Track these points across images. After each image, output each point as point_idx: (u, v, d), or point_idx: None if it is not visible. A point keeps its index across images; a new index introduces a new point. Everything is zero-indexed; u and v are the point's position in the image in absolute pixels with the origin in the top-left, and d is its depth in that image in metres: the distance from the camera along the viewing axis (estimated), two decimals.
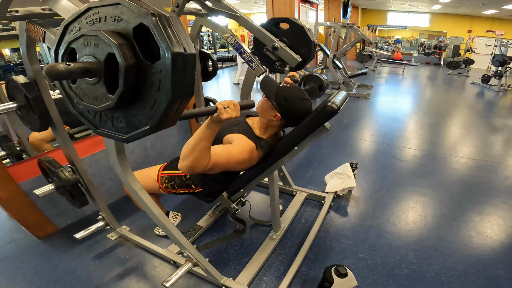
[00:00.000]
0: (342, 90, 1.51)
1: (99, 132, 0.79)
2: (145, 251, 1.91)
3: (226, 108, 1.12)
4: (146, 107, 0.68)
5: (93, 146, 2.18)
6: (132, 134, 0.73)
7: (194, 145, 1.19)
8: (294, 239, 2.00)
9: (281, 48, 1.83)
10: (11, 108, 1.42)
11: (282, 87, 1.47)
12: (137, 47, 0.63)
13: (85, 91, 0.72)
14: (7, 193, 1.82)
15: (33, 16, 1.25)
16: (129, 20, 0.63)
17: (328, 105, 1.28)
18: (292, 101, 1.42)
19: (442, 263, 1.78)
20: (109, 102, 0.67)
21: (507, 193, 2.56)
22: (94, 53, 0.65)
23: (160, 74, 0.62)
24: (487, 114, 5.23)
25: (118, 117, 0.73)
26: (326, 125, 1.34)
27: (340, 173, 2.43)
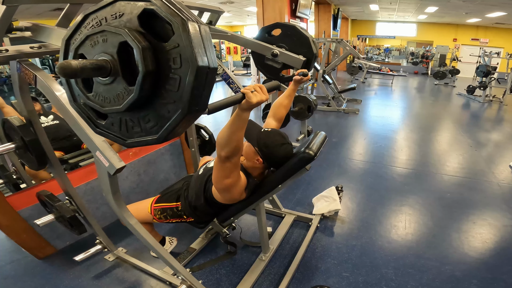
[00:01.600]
0: (321, 132, 1.61)
1: (130, 143, 0.74)
2: (142, 272, 1.99)
3: (254, 92, 1.06)
4: (171, 90, 0.64)
5: (88, 175, 2.26)
6: (164, 128, 0.68)
7: (229, 137, 1.16)
8: (282, 259, 2.10)
9: (281, 53, 1.82)
10: (9, 149, 1.49)
11: (263, 133, 1.53)
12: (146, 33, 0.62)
13: (104, 95, 0.69)
14: (6, 220, 1.90)
15: (22, 55, 1.25)
16: (131, 11, 0.62)
17: (306, 153, 1.40)
18: (272, 147, 1.49)
19: (419, 280, 1.90)
20: (132, 94, 0.64)
21: (486, 209, 2.70)
22: (104, 49, 0.64)
23: (178, 48, 0.60)
24: (471, 128, 5.40)
25: (144, 116, 0.69)
26: (306, 166, 1.45)
27: (326, 196, 2.55)
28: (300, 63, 1.80)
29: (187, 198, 1.73)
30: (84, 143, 1.18)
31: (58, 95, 1.22)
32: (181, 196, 1.77)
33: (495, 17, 10.88)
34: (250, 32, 17.70)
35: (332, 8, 11.07)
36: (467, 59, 12.43)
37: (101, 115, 0.75)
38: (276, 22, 2.03)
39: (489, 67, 7.41)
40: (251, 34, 17.16)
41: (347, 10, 13.27)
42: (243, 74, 12.72)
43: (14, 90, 1.44)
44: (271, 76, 2.11)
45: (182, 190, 1.79)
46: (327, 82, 6.37)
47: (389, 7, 11.40)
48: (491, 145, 4.53)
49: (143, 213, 1.76)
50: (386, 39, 16.98)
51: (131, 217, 1.39)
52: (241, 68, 14.87)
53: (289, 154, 1.52)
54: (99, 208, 2.35)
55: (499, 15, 10.45)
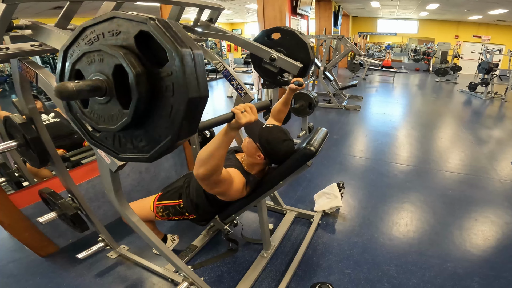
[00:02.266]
0: (322, 128, 1.61)
1: (122, 157, 0.76)
2: (144, 269, 1.99)
3: (244, 112, 1.09)
4: (164, 116, 0.65)
5: (89, 173, 2.26)
6: (155, 150, 0.69)
7: (211, 153, 1.16)
8: (284, 256, 2.10)
9: (279, 57, 1.84)
10: (11, 147, 1.49)
11: (265, 129, 1.54)
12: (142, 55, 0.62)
13: (99, 113, 0.69)
14: (9, 218, 1.91)
15: (23, 53, 1.24)
16: (128, 31, 0.62)
17: (307, 149, 1.40)
18: (274, 143, 1.50)
19: (421, 277, 1.90)
20: (125, 118, 0.65)
21: (488, 207, 2.69)
22: (100, 69, 0.64)
23: (171, 76, 0.60)
24: (473, 125, 5.38)
25: (137, 136, 0.71)
26: (307, 163, 1.45)
27: (327, 193, 2.55)
28: (296, 70, 1.82)
29: (188, 195, 1.73)
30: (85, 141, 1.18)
31: None
32: (183, 194, 1.77)
33: (497, 14, 10.80)
34: (251, 29, 17.66)
35: (332, 5, 11.02)
36: (469, 56, 12.37)
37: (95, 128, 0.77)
38: (276, 26, 2.05)
39: (491, 64, 7.39)
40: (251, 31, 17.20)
41: (347, 7, 13.20)
42: (243, 71, 12.69)
43: (15, 88, 1.44)
44: (268, 78, 2.12)
45: (184, 187, 1.79)
46: (328, 79, 6.35)
47: (390, 4, 11.34)
48: (493, 142, 4.52)
49: (145, 211, 1.76)
50: (387, 36, 16.93)
51: (133, 215, 1.39)
52: (242, 65, 14.84)
53: (290, 150, 1.53)
54: (101, 206, 2.36)
55: (501, 12, 10.38)
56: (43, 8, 2.65)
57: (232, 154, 1.72)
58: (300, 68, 1.83)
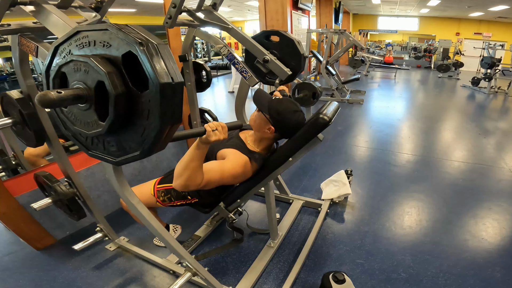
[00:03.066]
0: (333, 101, 1.53)
1: (91, 154, 0.81)
2: (144, 261, 1.91)
3: (215, 131, 1.16)
4: (136, 134, 0.69)
5: (89, 160, 2.18)
6: (123, 158, 0.74)
7: (186, 164, 1.23)
8: (292, 246, 2.01)
9: (272, 61, 1.86)
10: (6, 124, 1.42)
11: (275, 100, 1.49)
12: (126, 74, 0.64)
13: (76, 116, 0.73)
14: (4, 207, 1.83)
15: (25, 30, 1.25)
16: (118, 47, 0.63)
17: (320, 117, 1.31)
18: (284, 114, 1.45)
19: (439, 267, 1.81)
20: (100, 129, 0.68)
21: (500, 195, 2.60)
22: (84, 79, 0.66)
23: (149, 103, 0.63)
24: (478, 117, 5.31)
25: (109, 141, 0.75)
26: (319, 136, 1.37)
27: (335, 180, 2.46)
28: (285, 76, 1.85)
29: None
30: None
31: None
32: None
33: (497, 10, 10.75)
34: (251, 27, 17.62)
35: (333, 1, 10.95)
36: (470, 53, 12.32)
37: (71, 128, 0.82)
38: (277, 30, 2.06)
39: (494, 59, 7.32)
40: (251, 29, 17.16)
41: (348, 4, 13.14)
42: None
43: (14, 65, 1.40)
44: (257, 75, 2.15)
45: None
46: (330, 73, 6.27)
47: (390, 0, 11.30)
48: (499, 133, 4.42)
49: (146, 196, 1.66)
50: (387, 34, 16.87)
51: (133, 196, 1.29)
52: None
53: (301, 121, 1.47)
54: (100, 195, 2.28)
55: (502, 9, 10.33)
56: None
57: (236, 132, 1.64)
58: (289, 75, 1.86)
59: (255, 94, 1.56)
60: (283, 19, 6.51)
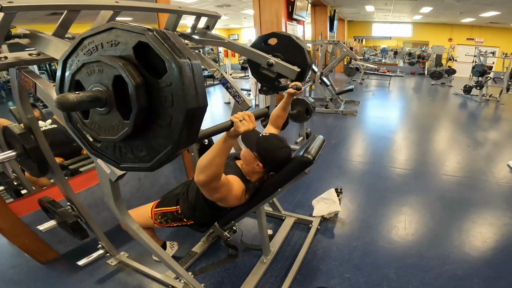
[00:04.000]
0: (319, 135, 1.62)
1: (123, 167, 0.77)
2: (144, 276, 1.99)
3: (242, 121, 1.10)
4: (163, 126, 0.65)
5: (88, 181, 2.26)
6: (156, 159, 0.70)
7: (211, 160, 1.17)
8: (283, 261, 2.10)
9: (277, 63, 1.83)
10: (11, 157, 1.50)
11: (262, 137, 1.55)
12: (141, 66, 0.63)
13: (99, 124, 0.70)
14: (8, 225, 1.90)
15: (21, 62, 1.24)
16: (127, 42, 0.62)
17: (304, 157, 1.41)
18: (271, 150, 1.51)
19: (421, 279, 1.90)
20: (126, 128, 0.65)
21: (485, 209, 2.71)
22: (100, 79, 0.64)
23: (171, 87, 0.61)
24: (469, 128, 5.42)
25: (137, 145, 0.71)
26: (305, 170, 1.47)
27: (326, 198, 2.55)
28: (294, 74, 1.82)
29: (186, 200, 1.74)
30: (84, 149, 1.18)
31: None
32: (180, 200, 1.78)
33: (489, 16, 10.95)
34: (247, 35, 17.76)
35: (328, 9, 11.13)
36: (463, 59, 12.49)
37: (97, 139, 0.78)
38: (273, 31, 2.05)
39: (485, 67, 7.42)
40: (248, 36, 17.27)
41: (343, 12, 13.33)
42: (241, 77, 12.74)
43: (14, 98, 1.44)
44: (266, 84, 2.13)
45: (181, 194, 1.79)
46: (324, 84, 6.38)
47: (384, 7, 11.47)
48: (489, 144, 4.55)
49: (143, 218, 1.76)
50: (382, 39, 17.06)
51: (133, 222, 1.39)
52: (239, 71, 14.89)
53: (288, 157, 1.54)
54: (100, 213, 2.35)
55: (493, 15, 10.52)
56: (40, 14, 2.64)
57: (233, 160, 1.72)
58: (298, 73, 1.83)
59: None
60: (278, 30, 6.62)
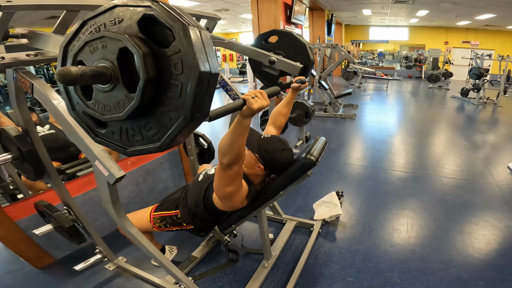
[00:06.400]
0: (321, 137, 1.59)
1: (131, 152, 0.73)
2: (143, 281, 1.95)
3: (255, 98, 1.03)
4: (173, 97, 0.62)
5: (86, 185, 2.23)
6: (166, 136, 0.66)
7: (231, 145, 1.13)
8: (285, 266, 2.07)
9: (278, 60, 1.82)
10: (6, 160, 1.48)
11: (263, 139, 1.52)
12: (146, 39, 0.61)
13: (104, 103, 0.67)
14: (4, 230, 1.87)
15: (18, 63, 1.23)
16: (131, 17, 0.61)
17: (307, 159, 1.38)
18: (272, 153, 1.48)
19: (425, 282, 1.88)
20: (133, 101, 0.62)
21: (487, 211, 2.70)
22: (104, 55, 0.62)
23: (180, 53, 0.59)
24: (467, 131, 5.42)
25: (145, 124, 0.68)
26: (307, 172, 1.44)
27: (327, 201, 2.53)
28: (297, 70, 1.79)
29: (186, 205, 1.71)
30: (82, 153, 1.16)
31: (56, 103, 1.20)
32: (179, 204, 1.75)
33: (484, 19, 11.02)
34: (246, 39, 17.81)
35: (325, 14, 11.18)
36: (459, 62, 12.55)
37: (101, 124, 0.74)
38: (272, 29, 2.02)
39: (481, 69, 7.45)
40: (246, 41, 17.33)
41: (340, 16, 13.40)
42: (239, 82, 12.75)
43: (11, 100, 1.42)
44: (269, 83, 2.11)
45: (181, 198, 1.77)
46: (323, 88, 6.38)
47: (381, 11, 11.54)
48: (488, 147, 4.55)
49: (142, 222, 1.73)
50: (379, 43, 17.15)
51: (132, 227, 1.36)
52: (237, 75, 14.90)
53: (290, 159, 1.51)
54: (97, 218, 2.32)
55: (488, 17, 10.59)
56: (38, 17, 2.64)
57: None
58: (301, 69, 1.80)
59: None
60: None
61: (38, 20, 2.67)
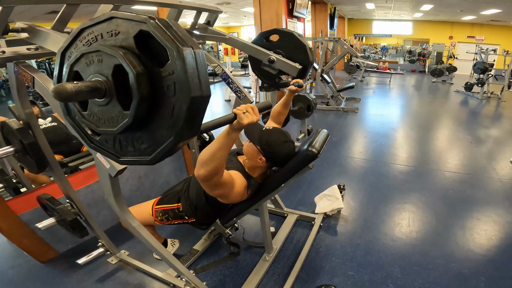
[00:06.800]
0: (323, 129, 1.59)
1: (123, 161, 0.74)
2: (145, 275, 1.97)
3: (246, 113, 1.06)
4: (166, 116, 0.64)
5: (88, 178, 2.23)
6: (157, 151, 0.68)
7: (213, 154, 1.14)
8: (286, 259, 2.08)
9: (278, 59, 1.81)
10: (9, 153, 1.48)
11: (265, 131, 1.53)
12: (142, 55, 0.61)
13: (99, 116, 0.68)
14: (7, 224, 1.88)
15: (19, 57, 1.23)
16: (127, 31, 0.61)
17: (309, 151, 1.38)
18: (274, 145, 1.48)
19: (426, 278, 1.88)
20: (126, 119, 0.63)
21: (489, 206, 2.69)
22: (99, 70, 0.62)
23: (173, 75, 0.59)
24: (470, 125, 5.39)
25: (138, 138, 0.69)
26: (309, 165, 1.44)
27: (328, 195, 2.53)
28: (296, 71, 1.79)
29: (188, 198, 1.71)
30: (84, 146, 1.16)
31: None
32: (181, 197, 1.75)
33: (490, 14, 10.89)
34: (247, 32, 17.70)
35: (328, 7, 11.08)
36: (464, 57, 12.45)
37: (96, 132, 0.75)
38: (274, 28, 2.01)
39: (486, 64, 7.40)
40: (248, 35, 17.23)
41: (343, 9, 13.28)
42: (241, 75, 12.70)
43: (12, 93, 1.42)
44: (267, 81, 2.10)
45: (183, 191, 1.77)
46: (325, 81, 6.35)
47: (385, 5, 11.42)
48: (491, 142, 4.52)
49: (144, 215, 1.73)
50: (382, 37, 17.02)
51: (133, 219, 1.37)
52: (239, 69, 14.85)
53: (291, 152, 1.51)
54: (100, 211, 2.33)
55: (494, 12, 10.47)
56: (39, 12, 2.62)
57: (235, 156, 1.70)
58: (299, 70, 1.80)
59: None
60: (278, 27, 6.58)
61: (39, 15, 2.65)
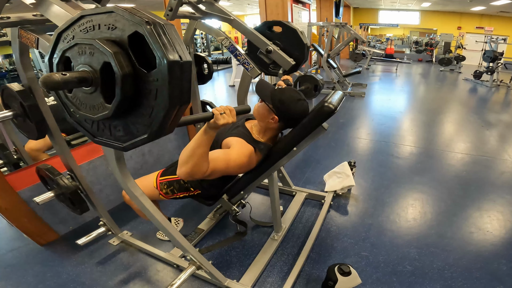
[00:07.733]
0: (338, 90, 1.51)
1: (97, 140, 0.79)
2: (148, 256, 1.90)
3: (223, 114, 1.14)
4: (144, 115, 0.68)
5: (90, 153, 2.16)
6: (131, 142, 0.73)
7: (192, 151, 1.20)
8: (295, 239, 2.00)
9: (275, 51, 1.83)
10: (7, 117, 1.41)
11: (277, 89, 1.47)
12: (133, 55, 0.63)
13: (81, 100, 0.72)
14: (6, 202, 1.80)
15: (25, 22, 1.23)
16: (124, 28, 0.62)
17: (325, 106, 1.29)
18: (287, 103, 1.43)
19: (445, 259, 1.79)
20: (106, 111, 0.67)
21: (504, 187, 2.58)
22: (89, 62, 0.65)
23: (157, 82, 0.62)
24: (481, 110, 5.27)
25: (116, 125, 0.73)
26: (324, 125, 1.36)
27: (338, 172, 2.43)
28: (288, 66, 1.81)
29: None
30: None
31: None
32: None
33: (500, 5, 10.64)
34: (250, 22, 17.52)
35: None
36: (472, 47, 12.22)
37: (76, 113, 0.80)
38: (280, 20, 2.01)
39: (496, 52, 7.26)
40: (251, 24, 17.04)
41: None
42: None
43: (15, 58, 1.38)
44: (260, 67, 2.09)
45: None
46: (331, 67, 6.23)
47: None
48: (502, 126, 4.39)
49: (148, 189, 1.64)
50: (388, 28, 16.77)
51: (136, 188, 1.28)
52: None
53: (306, 110, 1.46)
54: (102, 190, 2.26)
55: (504, 3, 10.22)
56: None
57: (242, 122, 1.61)
58: (292, 66, 1.82)
59: (257, 84, 1.53)
60: (283, 12, 6.46)
61: None
